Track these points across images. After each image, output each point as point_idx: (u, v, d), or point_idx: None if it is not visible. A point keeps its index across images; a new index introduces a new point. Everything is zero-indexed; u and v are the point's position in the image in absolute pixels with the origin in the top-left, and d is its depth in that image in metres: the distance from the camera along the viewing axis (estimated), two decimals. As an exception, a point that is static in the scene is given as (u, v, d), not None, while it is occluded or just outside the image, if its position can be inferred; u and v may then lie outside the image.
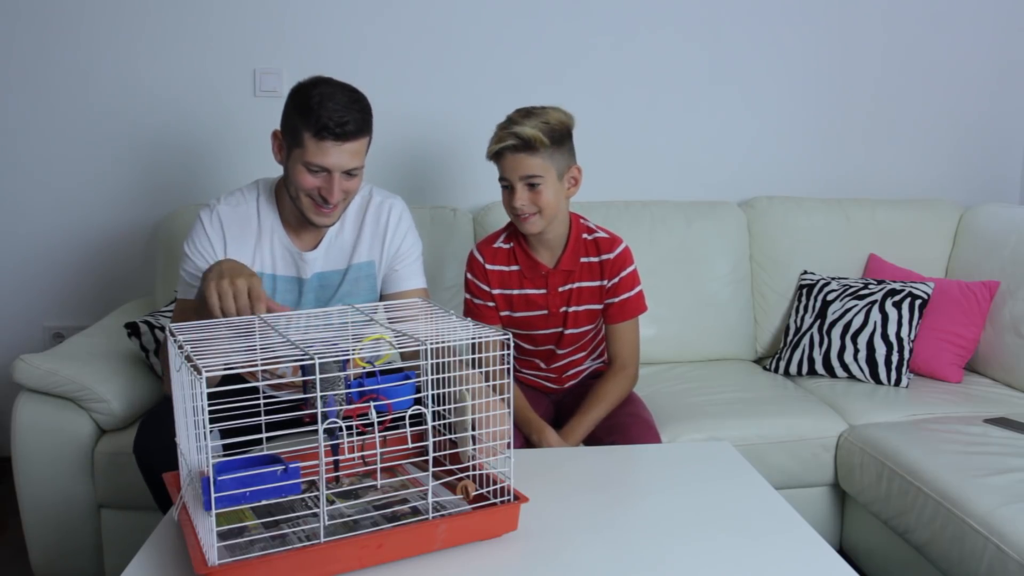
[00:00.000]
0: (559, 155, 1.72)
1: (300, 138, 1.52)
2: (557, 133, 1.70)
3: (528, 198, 1.72)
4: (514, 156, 1.70)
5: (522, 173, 1.70)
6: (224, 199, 1.67)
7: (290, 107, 1.55)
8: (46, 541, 1.89)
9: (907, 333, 2.22)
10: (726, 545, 1.18)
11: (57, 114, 2.45)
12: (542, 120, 1.69)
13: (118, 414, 1.84)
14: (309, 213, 1.59)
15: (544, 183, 1.71)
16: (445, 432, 1.26)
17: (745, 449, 1.88)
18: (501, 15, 2.53)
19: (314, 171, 1.54)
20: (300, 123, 1.51)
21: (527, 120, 1.69)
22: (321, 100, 1.50)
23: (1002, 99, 2.78)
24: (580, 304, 1.85)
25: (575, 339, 1.90)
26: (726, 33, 2.62)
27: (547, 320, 1.86)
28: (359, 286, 1.73)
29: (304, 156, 1.52)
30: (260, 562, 1.01)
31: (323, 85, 1.54)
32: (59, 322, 2.57)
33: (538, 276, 1.84)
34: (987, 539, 1.50)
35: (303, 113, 1.51)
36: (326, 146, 1.51)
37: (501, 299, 1.86)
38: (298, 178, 1.55)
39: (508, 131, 1.70)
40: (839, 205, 2.56)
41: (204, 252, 1.63)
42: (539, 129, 1.67)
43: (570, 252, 1.82)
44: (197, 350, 1.04)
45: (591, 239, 1.84)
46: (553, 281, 1.83)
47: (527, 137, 1.67)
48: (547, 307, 1.85)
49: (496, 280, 1.85)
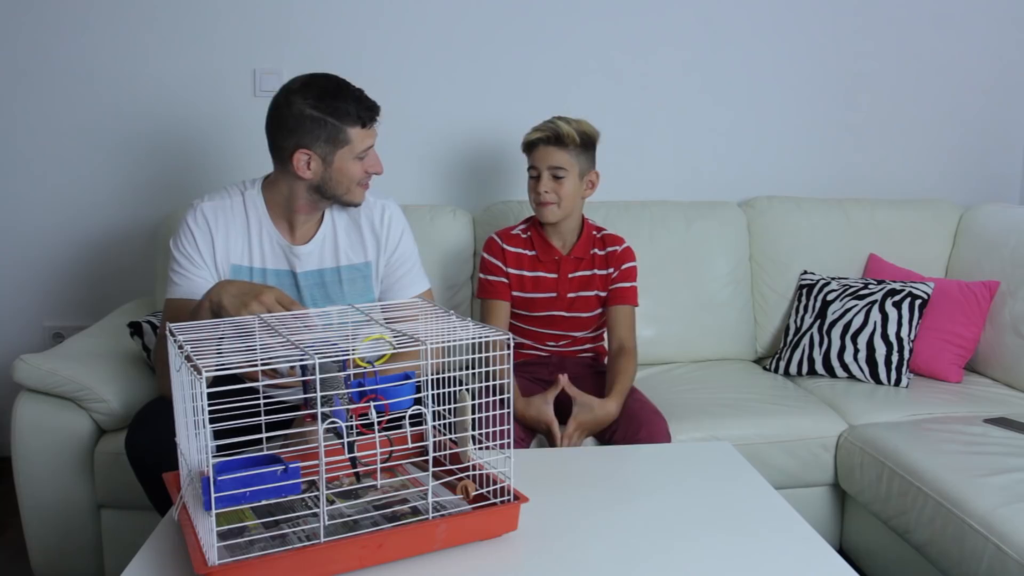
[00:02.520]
0: (583, 157, 1.96)
1: (345, 136, 1.58)
2: (586, 137, 1.95)
3: (551, 186, 1.94)
4: (546, 148, 1.94)
5: (550, 163, 1.94)
6: (208, 197, 1.68)
7: (311, 117, 1.56)
8: (46, 541, 1.89)
9: (907, 333, 2.22)
10: (726, 545, 1.18)
11: (57, 114, 2.45)
12: (575, 124, 1.95)
13: (118, 414, 1.84)
14: (359, 197, 1.68)
15: (567, 176, 1.94)
16: (445, 432, 1.26)
17: (745, 449, 1.88)
18: (501, 16, 2.53)
19: (362, 158, 1.62)
20: (342, 123, 1.57)
21: (562, 120, 1.95)
22: (343, 94, 1.58)
23: (1002, 99, 2.78)
24: (587, 290, 2.03)
25: (581, 323, 2.05)
26: (726, 33, 2.62)
27: (554, 302, 2.03)
28: (355, 287, 1.73)
29: (355, 149, 1.60)
30: (260, 562, 1.01)
31: (327, 83, 1.57)
32: (59, 322, 2.57)
33: (551, 261, 2.03)
34: (987, 539, 1.50)
35: (338, 113, 1.57)
36: (371, 128, 1.62)
37: (514, 279, 2.03)
38: (352, 172, 1.62)
39: (545, 125, 1.95)
40: (839, 205, 2.57)
41: (190, 250, 1.64)
42: (573, 129, 1.92)
43: (582, 242, 2.04)
44: (197, 350, 1.04)
45: (599, 236, 2.07)
46: (565, 267, 2.02)
47: (561, 132, 1.92)
48: (557, 290, 2.02)
49: (512, 260, 2.03)
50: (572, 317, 2.03)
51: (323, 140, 1.57)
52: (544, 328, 2.05)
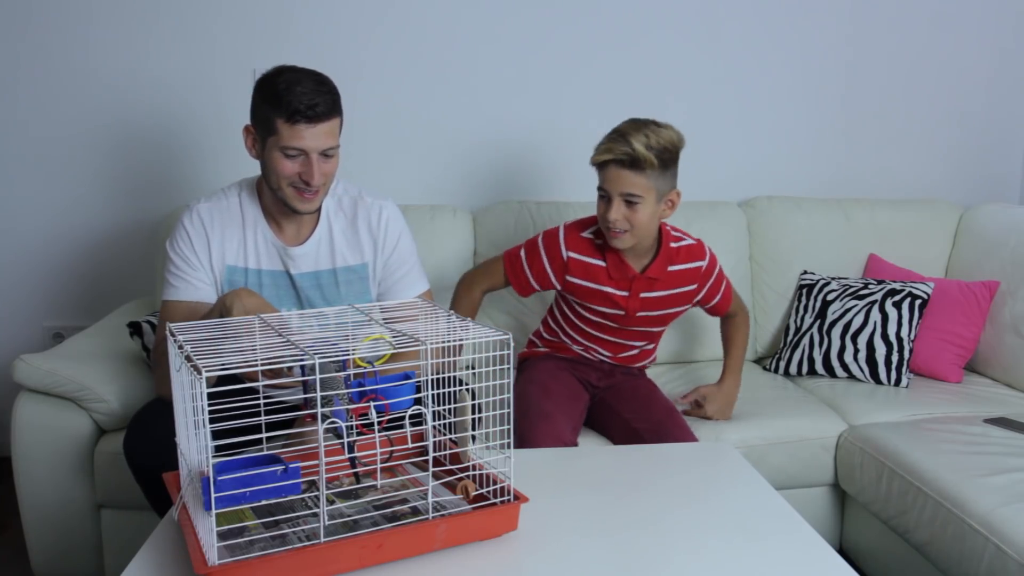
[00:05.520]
0: (663, 178, 1.71)
1: (273, 125, 1.53)
2: (667, 155, 1.69)
3: (624, 214, 1.71)
4: (619, 171, 1.69)
5: (623, 189, 1.69)
6: (204, 199, 1.68)
7: (258, 99, 1.56)
8: (46, 541, 1.89)
9: (907, 333, 2.22)
10: (726, 545, 1.18)
11: (57, 114, 2.45)
12: (655, 139, 1.67)
13: (118, 414, 1.84)
14: (293, 202, 1.59)
15: (643, 203, 1.70)
16: (445, 432, 1.26)
17: (745, 450, 1.88)
18: (502, 16, 2.53)
19: (292, 156, 1.54)
20: (271, 111, 1.52)
21: (639, 136, 1.66)
22: (288, 85, 1.51)
23: (1001, 99, 2.78)
24: (660, 309, 1.90)
25: (646, 335, 1.99)
26: (726, 33, 2.62)
27: (622, 319, 1.90)
28: (352, 288, 1.73)
29: (280, 142, 1.53)
30: (260, 562, 1.01)
31: (288, 72, 1.56)
32: (59, 322, 2.57)
33: (624, 278, 1.84)
34: (987, 539, 1.50)
35: (272, 101, 1.52)
36: (299, 129, 1.52)
37: (572, 287, 1.86)
38: (277, 166, 1.55)
39: (620, 145, 1.68)
40: (839, 205, 2.57)
41: (186, 251, 1.64)
42: (651, 150, 1.66)
43: (660, 261, 1.84)
44: (197, 350, 1.04)
45: (677, 247, 1.86)
46: (637, 286, 1.85)
47: (637, 156, 1.65)
48: (626, 308, 1.87)
49: (577, 269, 1.84)
50: (638, 331, 1.93)
51: (259, 121, 1.56)
52: (604, 334, 1.94)
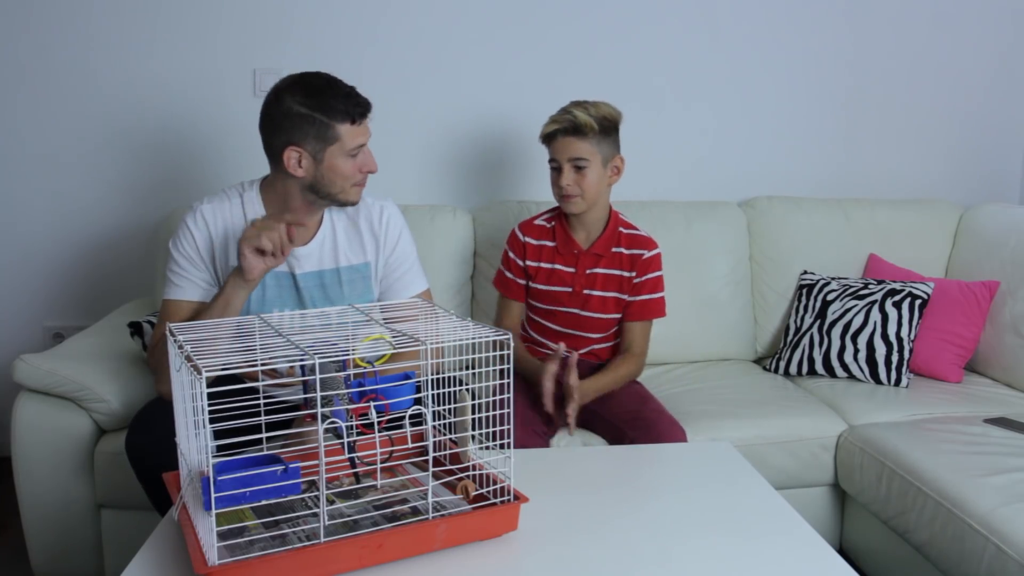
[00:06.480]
0: (605, 143, 1.89)
1: (334, 134, 1.57)
2: (606, 122, 1.87)
3: (573, 179, 1.88)
4: (564, 139, 1.87)
5: (570, 155, 1.87)
6: (207, 199, 1.69)
7: (299, 114, 1.55)
8: (46, 541, 1.89)
9: (907, 333, 2.22)
10: (726, 545, 1.18)
11: (57, 114, 2.45)
12: (593, 110, 1.87)
13: (118, 414, 1.84)
14: (354, 196, 1.66)
15: (589, 167, 1.88)
16: (445, 432, 1.26)
17: (745, 449, 1.88)
18: (502, 16, 2.53)
19: (355, 155, 1.61)
20: (330, 120, 1.56)
21: (579, 108, 1.87)
22: (332, 91, 1.56)
23: (1001, 99, 2.78)
24: (604, 290, 1.98)
25: (595, 324, 2.00)
26: (726, 33, 2.62)
27: (571, 298, 1.98)
28: (355, 288, 1.73)
29: (346, 147, 1.58)
30: (260, 562, 1.01)
31: (313, 80, 1.58)
32: (59, 322, 2.57)
33: (570, 254, 1.98)
34: (987, 539, 1.50)
35: (329, 112, 1.55)
36: (361, 126, 1.60)
37: (533, 271, 2.00)
38: (344, 170, 1.60)
39: (563, 115, 1.88)
40: (839, 205, 2.56)
41: (189, 251, 1.64)
42: (592, 117, 1.84)
43: (605, 238, 1.98)
44: (197, 350, 1.04)
45: (627, 233, 2.00)
46: (583, 262, 1.97)
47: (579, 122, 1.84)
48: (573, 285, 1.98)
49: (532, 252, 2.00)
50: (587, 316, 1.98)
51: (312, 137, 1.56)
52: (560, 326, 2.01)
